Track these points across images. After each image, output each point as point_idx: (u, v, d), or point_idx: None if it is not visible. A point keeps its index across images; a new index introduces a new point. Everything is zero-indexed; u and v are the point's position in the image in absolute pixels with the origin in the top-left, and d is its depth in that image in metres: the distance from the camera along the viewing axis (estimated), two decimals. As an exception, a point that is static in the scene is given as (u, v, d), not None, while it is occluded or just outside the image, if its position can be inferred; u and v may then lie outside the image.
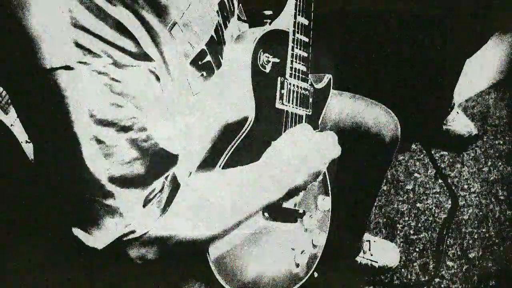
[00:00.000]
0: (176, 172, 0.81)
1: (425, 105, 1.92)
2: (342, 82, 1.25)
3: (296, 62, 1.01)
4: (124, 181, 0.73)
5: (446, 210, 1.88)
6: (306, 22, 1.02)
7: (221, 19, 0.92)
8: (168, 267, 0.89)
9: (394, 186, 1.95)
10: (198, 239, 0.84)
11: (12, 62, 0.69)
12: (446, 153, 2.03)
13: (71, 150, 0.70)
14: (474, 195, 1.91)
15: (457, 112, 2.02)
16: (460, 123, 2.01)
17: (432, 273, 1.71)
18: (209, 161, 0.92)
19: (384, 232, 1.83)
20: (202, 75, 0.87)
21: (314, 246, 1.13)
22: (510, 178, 1.95)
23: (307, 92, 1.05)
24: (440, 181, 1.95)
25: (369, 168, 1.36)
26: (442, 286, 1.69)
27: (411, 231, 1.83)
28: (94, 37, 0.67)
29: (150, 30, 0.74)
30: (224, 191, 0.88)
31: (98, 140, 0.70)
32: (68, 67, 0.66)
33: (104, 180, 0.71)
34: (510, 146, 2.04)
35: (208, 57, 0.87)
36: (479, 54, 1.82)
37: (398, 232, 1.82)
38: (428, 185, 1.95)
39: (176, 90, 0.82)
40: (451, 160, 2.02)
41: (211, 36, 0.88)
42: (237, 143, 0.92)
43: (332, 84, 1.16)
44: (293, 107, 1.02)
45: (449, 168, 2.00)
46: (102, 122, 0.69)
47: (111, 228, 0.73)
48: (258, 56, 0.94)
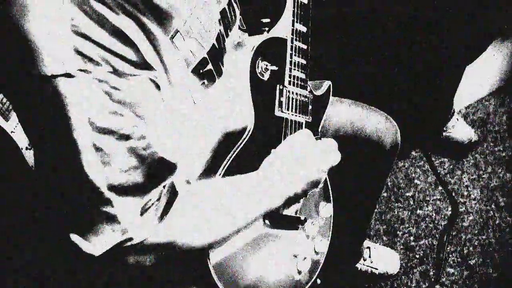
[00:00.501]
0: (175, 181, 0.81)
1: (425, 112, 1.92)
2: (342, 88, 1.25)
3: (294, 70, 1.01)
4: (123, 189, 0.73)
5: (446, 217, 1.87)
6: (304, 29, 1.02)
7: (222, 28, 0.92)
8: (168, 273, 0.89)
9: (394, 193, 1.94)
10: (196, 246, 0.84)
11: (13, 69, 0.69)
12: (446, 159, 2.03)
13: (70, 157, 0.70)
14: (474, 201, 1.91)
15: (457, 118, 2.02)
16: (460, 130, 2.01)
17: (433, 280, 1.71)
18: (209, 169, 0.92)
19: (384, 239, 1.83)
20: (203, 83, 0.87)
21: (317, 252, 1.13)
22: (510, 184, 1.95)
23: (306, 99, 1.05)
24: (440, 188, 1.95)
25: (369, 174, 1.36)
26: (442, 293, 1.69)
27: (411, 238, 1.82)
28: (95, 45, 0.67)
29: (151, 38, 0.74)
30: (223, 198, 0.88)
31: (97, 148, 0.69)
32: (69, 75, 0.66)
33: (103, 187, 0.71)
34: (510, 153, 2.04)
35: (210, 66, 0.87)
36: (479, 61, 1.83)
37: (398, 239, 1.82)
38: (428, 192, 1.95)
39: (177, 98, 0.82)
40: (451, 166, 2.02)
41: (213, 44, 0.88)
42: (237, 151, 0.92)
43: (331, 91, 1.16)
44: (292, 114, 1.02)
45: (449, 175, 1.99)
46: (102, 130, 0.69)
47: (108, 236, 0.73)
48: (257, 64, 0.94)
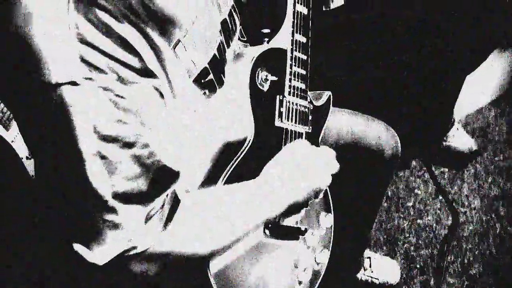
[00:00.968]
0: (177, 189, 0.81)
1: (425, 122, 1.92)
2: (342, 97, 1.25)
3: (294, 80, 1.01)
4: (127, 197, 0.73)
5: (446, 227, 1.87)
6: (304, 39, 1.02)
7: (223, 38, 0.93)
8: (167, 282, 0.89)
9: (394, 203, 1.94)
10: (198, 255, 0.84)
11: (17, 77, 0.69)
12: (446, 169, 2.03)
13: (74, 165, 0.70)
14: (474, 211, 1.91)
15: (457, 128, 2.02)
16: (460, 140, 2.01)
17: (433, 290, 1.71)
18: (209, 179, 0.92)
19: (384, 248, 1.82)
20: (205, 93, 0.87)
21: (317, 263, 1.12)
22: (510, 194, 1.95)
23: (306, 109, 1.05)
24: (440, 197, 1.95)
25: (369, 184, 1.36)
26: (443, 303, 1.69)
27: (412, 248, 1.82)
28: (100, 53, 0.68)
29: (154, 48, 0.74)
30: (224, 207, 0.88)
31: (102, 156, 0.69)
32: (74, 83, 0.66)
33: (108, 195, 0.71)
34: (510, 162, 2.04)
35: (211, 76, 0.88)
36: (479, 70, 1.83)
37: (399, 248, 1.81)
38: (428, 202, 1.95)
39: (178, 107, 0.82)
40: (452, 176, 2.02)
41: (214, 54, 0.88)
42: (237, 162, 0.92)
43: (332, 101, 1.16)
44: (292, 125, 1.02)
45: (449, 185, 1.99)
46: (107, 138, 0.69)
47: (112, 244, 0.73)
48: (256, 74, 0.94)
